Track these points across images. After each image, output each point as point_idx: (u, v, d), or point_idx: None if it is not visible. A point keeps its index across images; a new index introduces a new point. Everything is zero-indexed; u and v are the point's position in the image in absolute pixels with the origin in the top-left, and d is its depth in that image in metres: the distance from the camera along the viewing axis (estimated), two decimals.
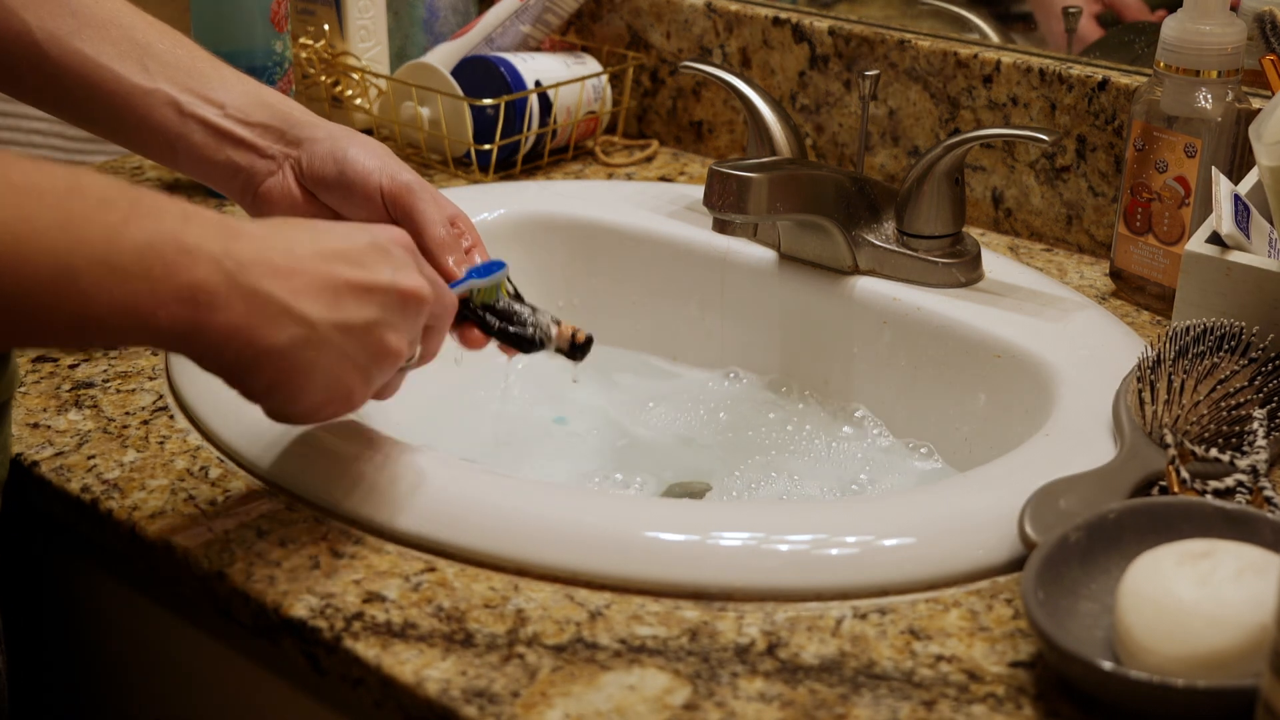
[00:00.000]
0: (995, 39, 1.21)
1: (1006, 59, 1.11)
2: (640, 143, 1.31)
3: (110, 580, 0.86)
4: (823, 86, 1.20)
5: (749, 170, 0.94)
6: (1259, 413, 0.80)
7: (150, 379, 0.92)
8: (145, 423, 0.87)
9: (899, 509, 0.77)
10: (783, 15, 1.21)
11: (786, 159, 1.05)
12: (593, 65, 1.29)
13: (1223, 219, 0.87)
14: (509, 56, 1.25)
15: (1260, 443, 0.78)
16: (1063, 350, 0.91)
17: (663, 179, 1.24)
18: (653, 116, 1.32)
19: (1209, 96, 0.95)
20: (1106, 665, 0.62)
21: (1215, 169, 0.92)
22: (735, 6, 1.24)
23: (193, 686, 0.85)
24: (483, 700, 0.64)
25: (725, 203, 0.94)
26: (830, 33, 1.18)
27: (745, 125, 1.24)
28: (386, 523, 0.75)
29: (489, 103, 1.20)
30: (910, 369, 0.99)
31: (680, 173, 1.26)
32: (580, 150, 1.30)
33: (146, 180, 1.21)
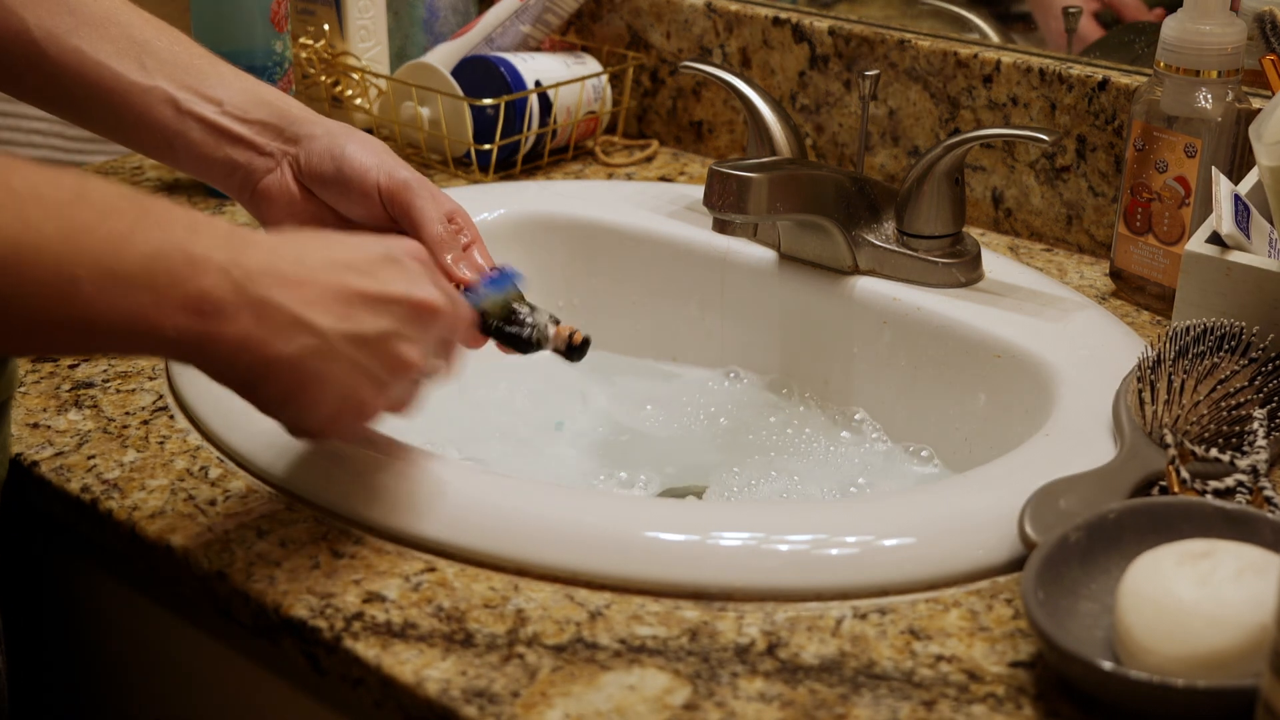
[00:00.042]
0: (995, 39, 1.21)
1: (1006, 59, 1.11)
2: (640, 143, 1.31)
3: (110, 580, 0.86)
4: (823, 86, 1.20)
5: (749, 170, 0.94)
6: (1259, 413, 0.80)
7: (150, 379, 0.92)
8: (145, 423, 0.87)
9: (899, 509, 0.77)
10: (783, 15, 1.21)
11: (786, 159, 1.05)
12: (593, 65, 1.29)
13: (1223, 219, 0.87)
14: (509, 56, 1.25)
15: (1260, 443, 0.78)
16: (1063, 350, 0.91)
17: (663, 179, 1.24)
18: (653, 116, 1.32)
19: (1209, 96, 0.95)
20: (1106, 665, 0.62)
21: (1215, 169, 0.92)
22: (735, 6, 1.24)
23: (193, 686, 0.85)
24: (483, 700, 0.64)
25: (725, 203, 0.94)
26: (830, 33, 1.18)
27: (745, 125, 1.23)
28: (386, 523, 0.75)
29: (489, 103, 1.20)
30: (910, 369, 0.98)
31: (680, 173, 1.26)
32: (580, 150, 1.30)
33: (147, 180, 1.21)
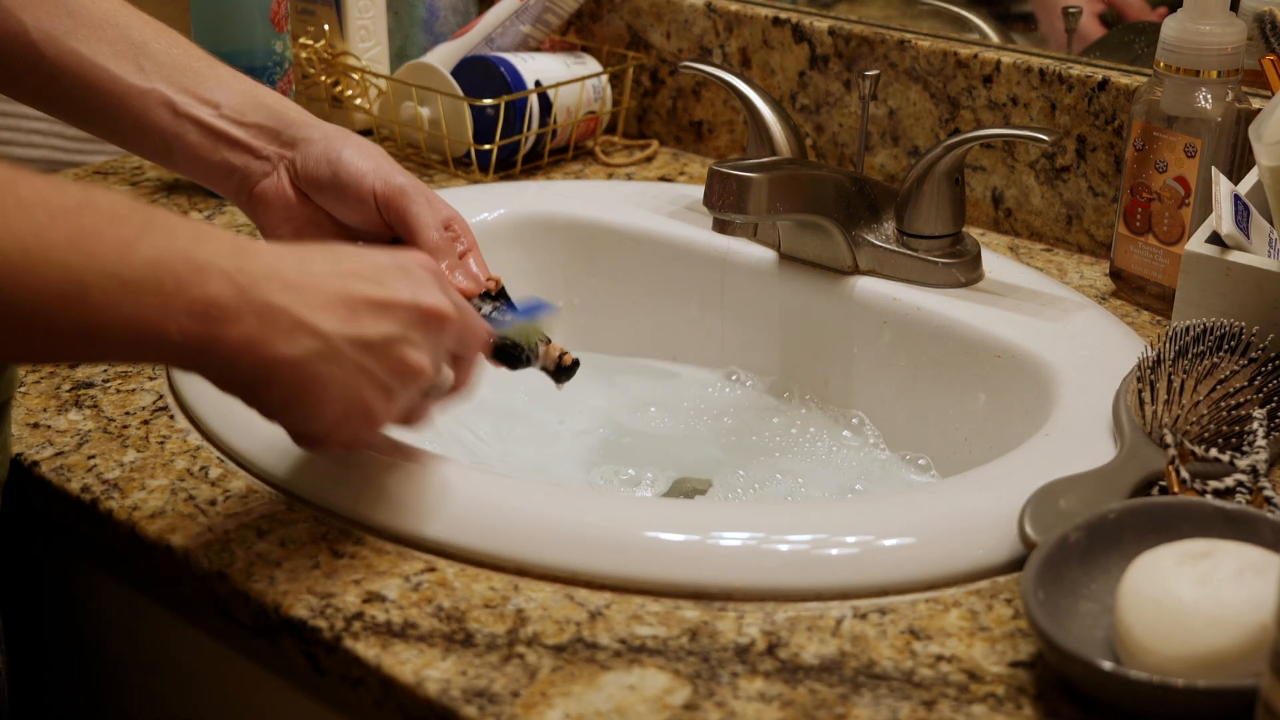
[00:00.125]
0: (995, 39, 1.21)
1: (1006, 59, 1.11)
2: (640, 143, 1.31)
3: (110, 580, 0.86)
4: (823, 86, 1.20)
5: (749, 170, 0.94)
6: (1259, 413, 0.80)
7: (150, 379, 0.92)
8: (145, 423, 0.87)
9: (899, 509, 0.77)
10: (783, 15, 1.21)
11: (786, 159, 1.05)
12: (593, 65, 1.29)
13: (1223, 219, 0.87)
14: (509, 56, 1.25)
15: (1260, 443, 0.78)
16: (1063, 350, 0.91)
17: (663, 179, 1.24)
18: (653, 116, 1.32)
19: (1209, 96, 0.95)
20: (1106, 665, 0.62)
21: (1215, 169, 0.92)
22: (735, 6, 1.24)
23: (193, 686, 0.85)
24: (483, 700, 0.64)
25: (725, 203, 0.94)
26: (830, 33, 1.18)
27: (745, 125, 1.23)
28: (386, 523, 0.75)
29: (489, 103, 1.20)
30: (910, 369, 0.98)
31: (680, 173, 1.26)
32: (580, 150, 1.30)
33: (147, 180, 1.21)
